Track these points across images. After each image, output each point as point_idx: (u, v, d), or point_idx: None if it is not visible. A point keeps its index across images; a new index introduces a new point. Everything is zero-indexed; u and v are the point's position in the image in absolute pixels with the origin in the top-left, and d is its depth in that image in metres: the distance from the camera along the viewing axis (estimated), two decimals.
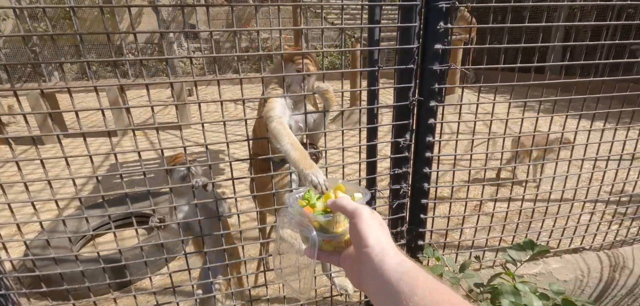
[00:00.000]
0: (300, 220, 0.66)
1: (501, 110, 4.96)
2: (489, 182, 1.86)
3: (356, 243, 0.56)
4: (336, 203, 0.61)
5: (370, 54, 1.35)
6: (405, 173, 1.52)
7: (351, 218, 0.57)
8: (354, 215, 0.57)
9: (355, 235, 0.56)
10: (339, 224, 0.64)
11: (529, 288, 0.83)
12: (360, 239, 0.54)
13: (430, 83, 1.40)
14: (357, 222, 0.56)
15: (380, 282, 0.50)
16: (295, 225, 0.67)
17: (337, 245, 0.65)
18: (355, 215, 0.57)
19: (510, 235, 1.87)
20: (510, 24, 1.38)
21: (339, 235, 0.64)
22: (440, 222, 2.31)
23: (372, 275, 0.51)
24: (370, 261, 0.52)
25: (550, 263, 1.85)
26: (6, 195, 1.21)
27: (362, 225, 0.55)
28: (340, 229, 0.64)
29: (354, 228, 0.56)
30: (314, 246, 0.62)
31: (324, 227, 0.64)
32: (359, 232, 0.55)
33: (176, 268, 2.22)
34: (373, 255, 0.52)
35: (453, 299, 0.44)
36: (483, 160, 3.57)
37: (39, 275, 1.35)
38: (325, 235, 0.64)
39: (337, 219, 0.64)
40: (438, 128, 1.49)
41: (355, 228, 0.56)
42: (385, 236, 0.55)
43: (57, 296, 1.84)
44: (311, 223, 0.64)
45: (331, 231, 0.64)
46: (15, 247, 2.48)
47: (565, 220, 2.00)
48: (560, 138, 1.69)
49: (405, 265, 0.50)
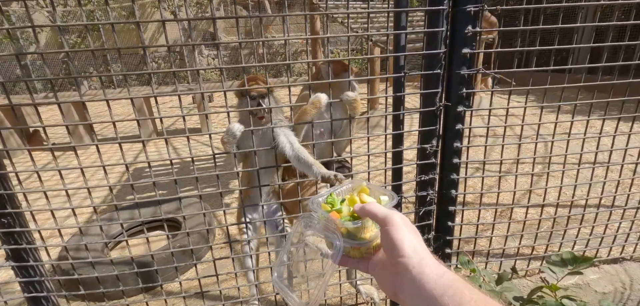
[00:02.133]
0: (326, 226, 0.63)
1: (528, 113, 4.75)
2: (519, 189, 1.79)
3: (390, 252, 0.53)
4: (365, 209, 0.58)
5: (396, 59, 1.33)
6: (432, 180, 1.49)
7: (383, 225, 0.55)
8: (386, 222, 0.54)
9: (388, 244, 0.53)
10: (366, 229, 0.62)
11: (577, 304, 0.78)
12: (394, 248, 0.52)
13: (458, 88, 1.37)
14: (390, 230, 0.53)
15: (420, 296, 0.47)
16: (320, 231, 0.64)
17: (365, 252, 0.62)
18: (388, 222, 0.54)
19: (543, 243, 1.79)
20: (540, 26, 1.33)
21: (367, 242, 0.61)
22: (468, 230, 2.24)
23: (411, 288, 0.49)
24: (407, 273, 0.50)
25: (587, 274, 1.75)
26: (49, 201, 1.28)
27: (395, 233, 0.52)
28: (369, 235, 0.62)
29: (387, 236, 0.53)
30: (338, 253, 0.59)
31: (352, 233, 0.61)
32: (393, 241, 0.52)
33: (204, 271, 2.27)
34: (410, 266, 0.49)
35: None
36: (511, 162, 3.45)
37: (78, 278, 1.41)
38: (353, 242, 0.61)
39: (366, 225, 0.61)
40: (466, 134, 1.45)
41: (388, 236, 0.53)
42: (421, 244, 0.53)
43: (92, 298, 1.92)
44: (338, 229, 0.61)
45: (360, 238, 0.62)
46: (51, 250, 2.60)
47: (603, 228, 1.90)
48: (597, 143, 1.60)
49: (448, 276, 0.47)
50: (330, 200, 0.67)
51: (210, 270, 2.13)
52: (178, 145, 5.27)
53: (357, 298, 1.73)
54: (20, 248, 1.29)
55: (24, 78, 1.10)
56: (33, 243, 1.33)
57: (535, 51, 1.39)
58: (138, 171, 4.38)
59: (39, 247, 1.34)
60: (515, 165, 1.85)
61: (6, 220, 1.24)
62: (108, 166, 1.22)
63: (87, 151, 5.59)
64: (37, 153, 5.30)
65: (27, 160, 2.50)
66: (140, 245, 2.71)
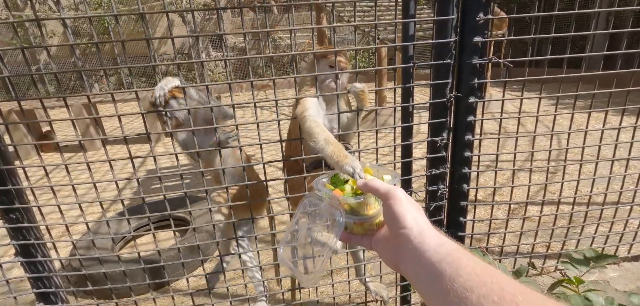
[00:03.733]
0: (330, 203, 0.65)
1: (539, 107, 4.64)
2: (534, 183, 1.73)
3: (392, 225, 0.54)
4: (368, 185, 0.59)
5: (405, 50, 1.30)
6: (443, 174, 1.45)
7: (385, 199, 0.55)
8: (388, 196, 0.55)
9: (390, 217, 0.54)
10: (369, 206, 0.63)
11: (603, 299, 0.73)
12: (396, 220, 0.52)
13: (469, 79, 1.32)
14: (392, 203, 0.54)
15: (420, 264, 0.47)
16: (324, 208, 0.66)
17: (368, 228, 0.64)
18: (390, 196, 0.55)
19: (559, 240, 1.73)
20: (555, 12, 1.28)
21: (370, 217, 0.63)
22: (481, 226, 2.18)
23: (411, 257, 0.49)
24: (409, 243, 0.50)
25: (606, 272, 1.68)
26: (56, 197, 1.28)
27: (397, 206, 0.53)
28: (372, 211, 0.63)
29: (389, 210, 0.54)
30: (340, 228, 0.60)
31: (354, 210, 0.63)
32: (395, 213, 0.53)
33: (211, 269, 2.26)
34: (412, 236, 0.50)
35: (501, 280, 0.39)
36: (526, 159, 3.37)
37: (85, 274, 1.41)
38: (356, 218, 0.63)
39: (368, 201, 0.63)
40: (478, 127, 1.40)
41: (391, 209, 0.54)
42: (422, 216, 0.53)
43: (101, 295, 1.93)
44: (341, 205, 0.63)
45: (362, 214, 0.63)
46: (60, 248, 2.64)
47: (622, 225, 1.82)
48: (616, 136, 1.54)
49: (447, 245, 0.47)
50: (334, 180, 0.71)
51: (217, 268, 2.12)
52: None
53: (366, 296, 1.70)
54: (29, 243, 1.30)
55: (31, 73, 1.10)
56: (41, 239, 1.33)
57: (548, 41, 1.34)
58: (149, 171, 4.42)
59: (47, 243, 1.35)
60: (528, 162, 1.78)
61: (15, 216, 1.24)
62: (114, 160, 1.21)
63: (97, 153, 5.68)
64: (48, 156, 5.41)
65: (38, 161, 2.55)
66: (149, 244, 2.73)
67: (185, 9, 1.14)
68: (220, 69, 11.68)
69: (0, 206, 1.23)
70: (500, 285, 0.39)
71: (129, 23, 11.43)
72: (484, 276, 0.40)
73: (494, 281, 0.39)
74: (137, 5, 1.02)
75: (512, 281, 0.40)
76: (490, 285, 0.39)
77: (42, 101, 1.17)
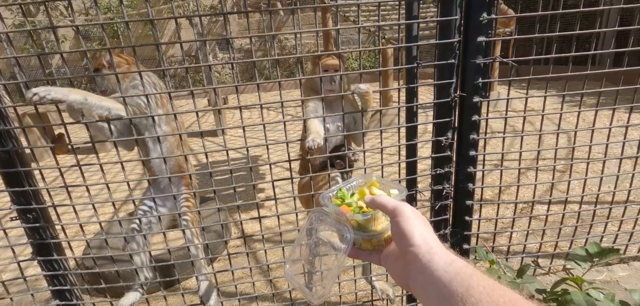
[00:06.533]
0: (337, 219, 0.64)
1: (547, 107, 4.60)
2: (541, 182, 1.72)
3: (400, 242, 0.54)
4: (375, 201, 0.59)
5: (409, 50, 1.31)
6: (448, 173, 1.45)
7: (392, 216, 0.55)
8: (396, 212, 0.55)
9: (398, 234, 0.54)
10: (377, 222, 0.63)
11: (604, 296, 0.73)
12: (404, 238, 0.52)
13: (474, 78, 1.33)
14: (400, 220, 0.54)
15: (430, 283, 0.47)
16: (331, 224, 0.65)
17: (377, 244, 0.63)
18: (397, 213, 0.55)
19: (567, 239, 1.71)
20: (560, 11, 1.28)
21: (378, 234, 0.62)
22: (486, 226, 2.17)
23: (421, 276, 0.49)
24: (417, 262, 0.50)
25: (615, 271, 1.66)
26: (71, 198, 1.33)
27: (405, 223, 0.53)
28: (379, 227, 0.63)
29: (397, 227, 0.54)
30: (348, 245, 0.60)
31: (362, 226, 0.63)
32: (403, 231, 0.53)
33: (220, 268, 2.30)
34: (420, 255, 0.50)
35: (514, 299, 0.40)
36: (531, 158, 3.33)
37: (99, 272, 1.46)
38: (364, 234, 0.62)
39: (376, 217, 0.62)
40: (482, 126, 1.41)
41: (398, 226, 0.54)
42: (430, 234, 0.53)
43: (114, 292, 1.98)
44: (349, 222, 0.62)
45: (370, 230, 0.63)
46: (75, 247, 2.71)
47: (632, 224, 1.80)
48: (625, 134, 1.52)
49: (457, 264, 0.47)
50: (341, 195, 0.69)
51: (225, 267, 2.16)
52: (194, 147, 5.38)
53: (372, 295, 1.71)
54: (45, 242, 1.34)
55: (46, 78, 1.15)
56: (56, 238, 1.38)
57: (554, 40, 1.34)
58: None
59: (62, 241, 1.40)
60: (535, 160, 1.77)
61: (31, 216, 1.29)
62: (125, 162, 1.25)
63: (108, 154, 5.79)
64: (61, 158, 5.53)
65: (53, 163, 2.62)
66: (160, 243, 2.78)
67: (191, 14, 1.18)
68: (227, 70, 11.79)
69: (18, 206, 1.28)
70: (513, 303, 0.39)
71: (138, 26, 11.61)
72: (495, 297, 0.40)
73: (506, 301, 0.40)
74: (145, 9, 1.05)
75: (524, 300, 0.40)
76: (503, 305, 0.40)
77: (57, 104, 1.22)
